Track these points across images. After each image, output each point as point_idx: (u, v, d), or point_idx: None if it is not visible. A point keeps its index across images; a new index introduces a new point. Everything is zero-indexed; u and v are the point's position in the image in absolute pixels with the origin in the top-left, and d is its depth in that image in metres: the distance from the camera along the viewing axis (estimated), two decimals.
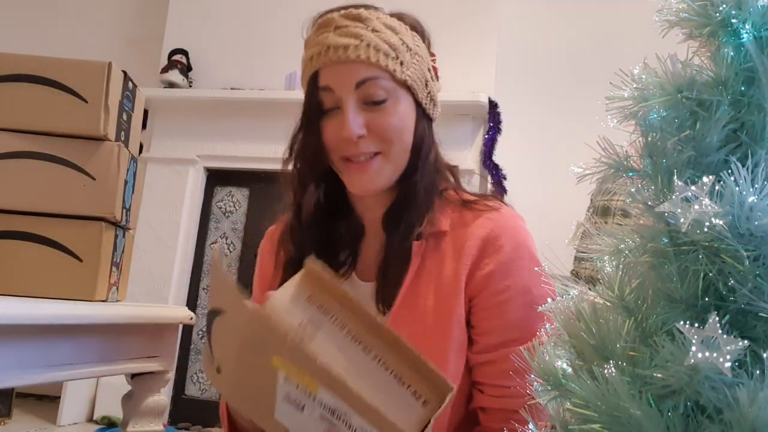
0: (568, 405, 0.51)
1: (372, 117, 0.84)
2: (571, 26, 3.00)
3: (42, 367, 0.84)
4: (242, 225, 3.00)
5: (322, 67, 0.84)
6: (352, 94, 0.84)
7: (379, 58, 0.83)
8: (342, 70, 0.83)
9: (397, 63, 0.84)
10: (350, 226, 0.95)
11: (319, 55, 0.84)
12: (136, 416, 1.09)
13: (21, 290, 0.95)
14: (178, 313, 1.14)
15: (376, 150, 0.85)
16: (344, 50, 0.82)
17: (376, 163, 0.86)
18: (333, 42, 0.83)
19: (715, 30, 0.52)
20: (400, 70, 0.84)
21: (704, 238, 0.45)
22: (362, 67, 0.83)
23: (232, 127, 2.98)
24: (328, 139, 0.86)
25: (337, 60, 0.83)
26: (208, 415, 2.82)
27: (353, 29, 0.83)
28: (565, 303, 0.56)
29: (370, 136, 0.84)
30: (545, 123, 2.92)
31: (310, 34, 0.89)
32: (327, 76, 0.84)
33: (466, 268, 0.87)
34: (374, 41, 0.83)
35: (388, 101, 0.85)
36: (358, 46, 0.82)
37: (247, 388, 0.67)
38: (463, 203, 0.92)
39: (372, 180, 0.86)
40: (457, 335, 0.86)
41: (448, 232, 0.90)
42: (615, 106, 0.54)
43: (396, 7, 0.93)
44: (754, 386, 0.41)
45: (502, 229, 0.88)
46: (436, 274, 0.88)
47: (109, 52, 3.17)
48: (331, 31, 0.84)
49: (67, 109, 0.99)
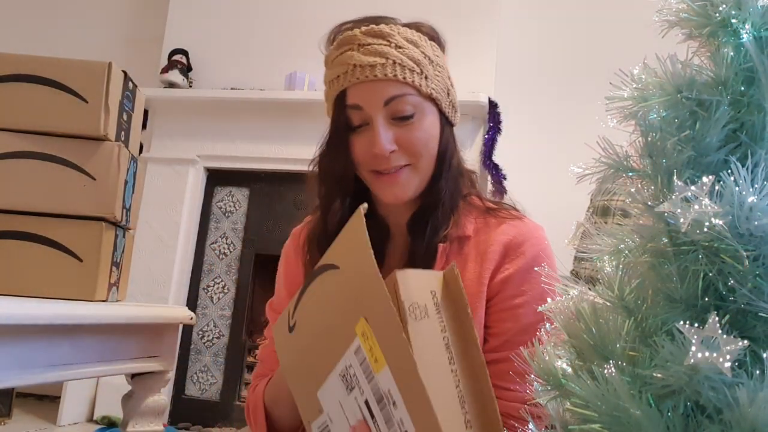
0: (568, 405, 0.51)
1: (401, 132, 0.86)
2: (571, 26, 3.00)
3: (42, 367, 0.84)
4: (242, 225, 3.00)
5: (349, 86, 0.86)
6: (381, 111, 0.86)
7: (406, 75, 0.85)
8: (370, 88, 0.85)
9: (422, 78, 0.87)
10: (375, 229, 0.96)
11: (346, 75, 0.86)
12: (136, 416, 1.09)
13: (21, 290, 0.95)
14: (178, 313, 1.14)
15: (406, 163, 0.88)
16: (371, 69, 0.84)
17: (405, 173, 0.88)
18: (359, 61, 0.85)
19: (715, 30, 0.52)
20: (425, 84, 0.87)
21: (704, 238, 0.45)
22: (390, 85, 0.85)
23: (232, 127, 2.98)
24: (357, 154, 0.88)
25: (365, 79, 0.85)
26: (208, 415, 2.82)
27: (377, 47, 0.85)
28: (565, 303, 0.56)
29: (399, 151, 0.87)
30: (545, 123, 2.92)
31: (330, 51, 0.91)
32: (355, 95, 0.86)
33: (489, 271, 0.89)
34: (399, 58, 0.85)
35: (415, 116, 0.87)
36: (384, 65, 0.84)
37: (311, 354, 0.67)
38: (487, 210, 0.95)
39: (402, 189, 0.89)
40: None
41: (472, 236, 0.92)
42: (615, 106, 0.54)
43: (396, 7, 0.94)
44: (754, 386, 0.41)
45: (524, 237, 0.90)
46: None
47: (109, 52, 3.17)
48: (356, 49, 0.86)
49: (67, 109, 0.99)
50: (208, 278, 2.98)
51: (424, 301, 0.65)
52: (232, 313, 2.93)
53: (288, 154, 2.91)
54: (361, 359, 0.62)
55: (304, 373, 0.69)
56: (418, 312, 0.64)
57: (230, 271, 2.97)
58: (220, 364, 2.89)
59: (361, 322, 0.62)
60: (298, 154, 2.88)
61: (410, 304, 0.63)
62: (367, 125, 0.87)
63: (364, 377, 0.61)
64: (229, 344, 2.90)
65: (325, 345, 0.66)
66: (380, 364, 0.60)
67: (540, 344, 0.58)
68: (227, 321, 2.93)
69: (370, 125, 0.86)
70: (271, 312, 1.05)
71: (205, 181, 3.06)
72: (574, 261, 1.78)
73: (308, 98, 2.83)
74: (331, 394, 0.64)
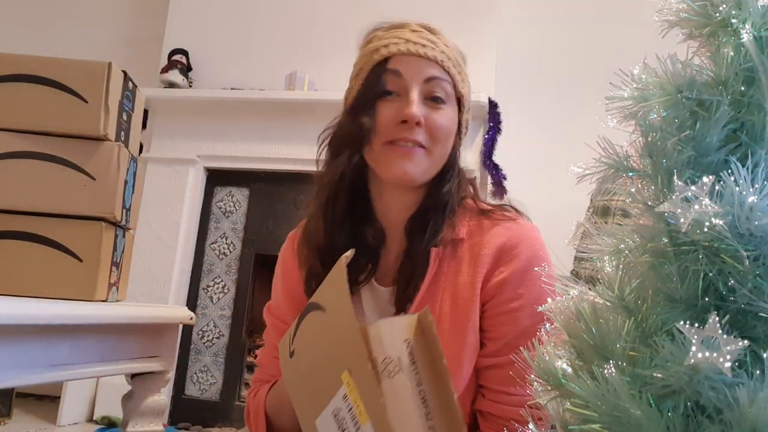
0: (568, 405, 0.50)
1: (430, 112, 0.89)
2: (571, 26, 3.00)
3: (42, 367, 0.84)
4: (242, 225, 3.00)
5: (396, 54, 0.89)
6: (419, 85, 0.89)
7: (450, 66, 0.91)
8: (416, 62, 0.89)
9: (460, 77, 0.93)
10: (372, 232, 0.96)
11: (396, 44, 0.89)
12: (136, 416, 1.09)
13: (21, 290, 0.95)
14: (178, 313, 1.14)
15: (425, 142, 0.89)
16: (422, 47, 0.89)
17: (419, 153, 0.89)
18: (411, 38, 0.90)
19: (715, 30, 0.52)
20: (460, 83, 0.93)
21: (704, 238, 0.45)
22: (435, 66, 0.89)
23: (232, 127, 2.98)
24: (382, 119, 0.89)
25: (415, 52, 0.89)
26: (208, 415, 2.82)
27: (428, 36, 0.91)
28: (565, 303, 0.56)
29: (425, 128, 0.88)
30: (545, 123, 2.92)
31: (377, 32, 0.94)
32: (399, 63, 0.89)
33: (482, 275, 0.89)
34: (446, 50, 0.91)
35: (446, 104, 0.91)
36: (434, 48, 0.90)
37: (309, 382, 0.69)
38: (481, 212, 0.95)
39: (413, 166, 0.89)
40: (471, 341, 0.88)
41: (465, 239, 0.92)
42: (615, 106, 0.54)
43: (396, 7, 0.94)
44: (754, 386, 0.41)
45: (518, 239, 0.90)
46: (452, 280, 0.90)
47: (109, 52, 3.17)
48: (408, 31, 0.91)
49: (67, 109, 0.99)
50: (208, 278, 2.98)
51: (398, 354, 0.65)
52: (232, 313, 2.93)
53: (288, 154, 2.91)
54: (348, 407, 0.63)
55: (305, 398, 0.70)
56: (392, 366, 0.64)
57: (230, 271, 2.97)
58: (220, 364, 2.89)
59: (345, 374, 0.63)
60: (298, 154, 2.88)
61: (384, 358, 0.63)
62: (398, 96, 0.89)
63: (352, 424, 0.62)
64: (229, 344, 2.90)
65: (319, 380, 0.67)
66: (364, 417, 0.61)
67: (540, 344, 0.58)
68: (227, 321, 2.93)
69: (402, 96, 0.88)
70: (269, 316, 1.04)
71: (205, 181, 3.06)
72: (574, 261, 1.78)
73: (308, 98, 2.83)
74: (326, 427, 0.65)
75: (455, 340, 0.87)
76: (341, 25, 2.90)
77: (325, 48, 2.91)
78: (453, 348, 0.87)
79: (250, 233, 2.98)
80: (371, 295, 0.96)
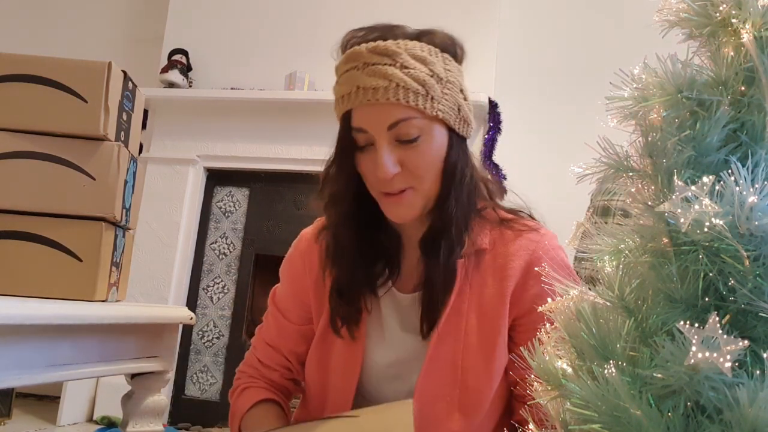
0: (568, 405, 0.51)
1: (405, 155, 0.85)
2: (571, 26, 3.00)
3: (42, 367, 0.84)
4: (242, 225, 3.00)
5: (354, 107, 0.85)
6: (384, 134, 0.84)
7: (410, 99, 0.82)
8: (374, 111, 0.84)
9: (428, 100, 0.84)
10: (388, 237, 0.96)
11: (350, 96, 0.85)
12: (136, 416, 1.09)
13: (21, 290, 0.95)
14: (178, 313, 1.14)
15: (408, 186, 0.86)
16: (374, 92, 0.82)
17: (408, 195, 0.87)
18: (362, 83, 0.83)
19: (715, 30, 0.52)
20: (431, 106, 0.84)
21: (704, 238, 0.45)
22: (394, 109, 0.83)
23: (232, 127, 2.98)
24: (364, 173, 0.88)
25: (367, 102, 0.83)
26: (208, 415, 2.82)
27: (382, 68, 0.83)
28: (565, 303, 0.56)
29: (403, 172, 0.85)
30: (545, 123, 2.92)
31: (339, 64, 0.89)
32: (359, 118, 0.85)
33: (510, 288, 0.89)
34: (404, 81, 0.82)
35: (420, 137, 0.85)
36: (387, 88, 0.82)
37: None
38: (502, 222, 0.94)
39: (407, 210, 0.88)
40: (500, 355, 0.89)
41: (488, 250, 0.92)
42: (615, 106, 0.54)
43: (396, 7, 0.93)
44: (754, 386, 0.41)
45: (544, 251, 0.90)
46: (477, 293, 0.91)
47: (109, 52, 3.17)
48: (361, 68, 0.84)
49: (67, 109, 0.99)
50: (208, 278, 2.98)
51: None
52: (232, 313, 2.93)
53: (288, 154, 2.91)
54: None
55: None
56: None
57: (230, 271, 2.97)
58: (219, 364, 2.89)
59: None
60: (298, 154, 2.88)
61: None
62: (372, 145, 0.86)
63: None
64: (228, 344, 2.90)
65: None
66: None
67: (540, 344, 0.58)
68: (227, 321, 2.93)
69: (374, 146, 0.85)
70: (272, 304, 1.05)
71: (205, 181, 3.06)
72: (574, 261, 1.78)
73: (308, 98, 2.83)
74: None
75: (485, 353, 0.88)
76: (341, 25, 2.88)
77: (325, 48, 2.89)
78: (482, 361, 0.88)
79: (250, 233, 2.98)
80: (391, 302, 0.96)
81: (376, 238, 0.95)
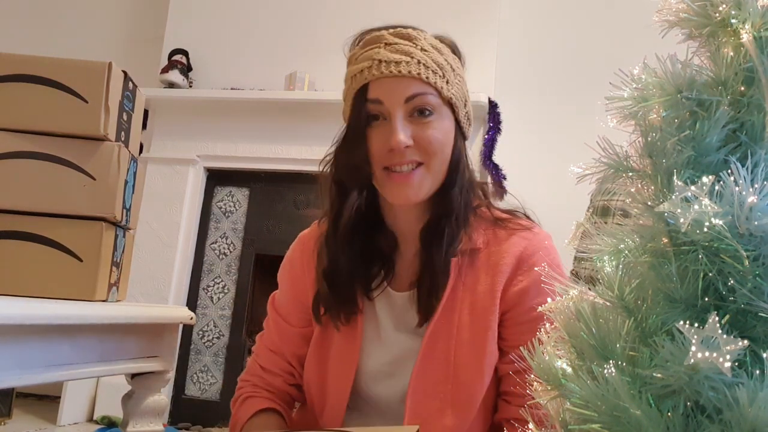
0: (568, 405, 0.51)
1: (418, 129, 0.87)
2: (571, 26, 3.00)
3: (42, 367, 0.84)
4: (242, 225, 3.00)
5: (372, 80, 0.87)
6: (401, 107, 0.87)
7: (429, 75, 0.87)
8: (393, 84, 0.87)
9: (444, 81, 0.88)
10: (385, 240, 0.97)
11: (370, 69, 0.87)
12: (136, 416, 1.09)
13: (21, 290, 0.95)
14: (178, 313, 1.14)
15: (420, 160, 0.88)
16: (396, 65, 0.86)
17: (418, 174, 0.88)
18: (384, 57, 0.86)
19: (714, 30, 0.52)
20: (446, 87, 0.88)
21: (704, 238, 0.45)
22: (413, 83, 0.86)
23: (232, 127, 2.98)
24: (373, 148, 0.89)
25: (389, 74, 0.86)
26: (208, 415, 2.82)
27: (403, 47, 0.87)
28: (565, 303, 0.56)
29: (415, 147, 0.87)
30: (545, 123, 2.92)
31: (356, 50, 0.92)
32: (377, 89, 0.87)
33: (501, 284, 0.90)
34: (424, 59, 0.87)
35: (433, 115, 0.88)
36: (409, 62, 0.86)
37: None
38: (496, 221, 0.95)
39: (414, 191, 0.89)
40: (491, 350, 0.90)
41: (482, 249, 0.93)
42: (615, 106, 0.54)
43: (396, 7, 0.94)
44: (754, 386, 0.41)
45: (535, 248, 0.91)
46: (471, 289, 0.91)
47: (109, 52, 3.17)
48: (382, 47, 0.88)
49: (67, 109, 0.99)
50: (208, 278, 2.98)
51: None
52: (232, 313, 2.93)
53: (288, 154, 2.91)
54: None
55: None
56: None
57: (230, 271, 2.97)
58: (220, 364, 2.89)
59: None
60: (298, 154, 2.88)
61: None
62: (385, 120, 0.88)
63: None
64: (229, 344, 2.90)
65: None
66: None
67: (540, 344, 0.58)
68: (227, 321, 2.93)
69: (388, 120, 0.87)
70: (272, 309, 1.05)
71: (205, 181, 3.06)
72: (574, 261, 1.78)
73: (308, 98, 2.83)
74: None
75: (476, 348, 0.89)
76: (341, 25, 2.90)
77: (325, 48, 2.91)
78: (474, 356, 0.89)
79: (250, 233, 2.98)
80: (386, 301, 0.96)
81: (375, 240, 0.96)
